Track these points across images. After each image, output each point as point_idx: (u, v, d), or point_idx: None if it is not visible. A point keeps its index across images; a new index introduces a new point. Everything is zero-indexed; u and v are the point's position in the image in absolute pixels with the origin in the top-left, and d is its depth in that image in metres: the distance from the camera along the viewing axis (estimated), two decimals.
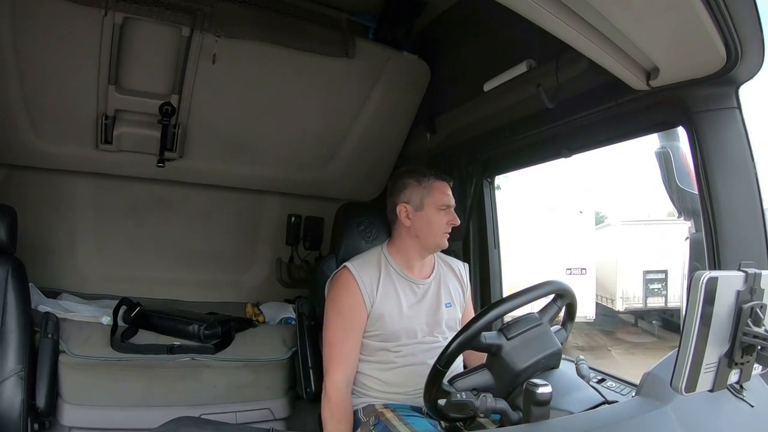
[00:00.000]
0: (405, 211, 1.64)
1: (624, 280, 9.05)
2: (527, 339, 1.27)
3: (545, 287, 1.34)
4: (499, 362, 1.25)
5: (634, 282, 9.02)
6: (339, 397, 1.53)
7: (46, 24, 1.88)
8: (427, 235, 1.64)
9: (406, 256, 1.67)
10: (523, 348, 1.26)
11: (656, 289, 9.02)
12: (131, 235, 2.59)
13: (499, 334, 1.27)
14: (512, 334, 1.27)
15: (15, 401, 1.78)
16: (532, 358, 1.25)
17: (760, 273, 0.98)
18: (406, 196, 1.65)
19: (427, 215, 1.63)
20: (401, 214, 1.65)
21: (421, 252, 1.67)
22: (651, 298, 9.08)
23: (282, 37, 2.07)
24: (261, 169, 2.58)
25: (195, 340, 2.15)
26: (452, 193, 1.69)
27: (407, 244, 1.66)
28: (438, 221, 1.63)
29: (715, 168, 1.35)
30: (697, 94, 1.37)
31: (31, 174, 2.37)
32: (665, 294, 9.01)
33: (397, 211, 1.65)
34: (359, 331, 1.59)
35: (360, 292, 1.58)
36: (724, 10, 1.09)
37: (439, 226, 1.63)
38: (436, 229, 1.63)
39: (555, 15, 1.17)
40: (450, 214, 1.65)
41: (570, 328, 1.45)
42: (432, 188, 1.64)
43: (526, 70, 1.76)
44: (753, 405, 1.08)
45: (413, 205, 1.64)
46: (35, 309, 2.03)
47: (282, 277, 2.84)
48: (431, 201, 1.63)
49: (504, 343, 1.25)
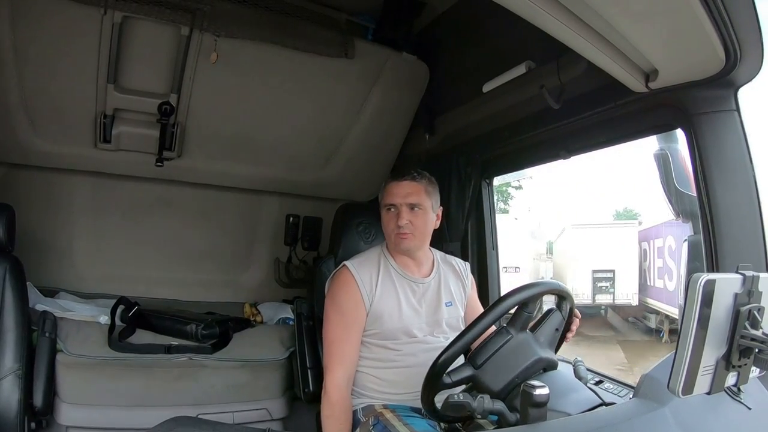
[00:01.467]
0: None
1: (573, 279, 10.04)
2: (500, 359, 1.24)
3: (537, 287, 1.33)
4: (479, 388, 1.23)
5: (583, 280, 10.08)
6: (339, 396, 1.52)
7: (45, 23, 1.88)
8: (385, 236, 1.67)
9: (400, 256, 1.67)
10: (498, 370, 1.23)
11: (604, 287, 10.13)
12: (129, 235, 2.58)
13: (466, 365, 1.26)
14: (480, 360, 1.24)
15: (12, 400, 1.78)
16: (510, 375, 1.22)
17: (758, 276, 0.98)
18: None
19: (382, 216, 1.66)
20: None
21: (399, 252, 1.67)
22: (599, 296, 10.20)
23: (281, 37, 2.07)
24: (259, 169, 2.58)
25: (193, 340, 2.16)
26: (446, 193, 1.69)
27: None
28: (386, 222, 1.64)
29: (713, 170, 1.35)
30: (696, 96, 1.37)
31: (30, 173, 2.36)
32: (613, 292, 10.08)
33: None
34: (359, 329, 1.59)
35: (359, 291, 1.58)
36: (723, 13, 1.09)
37: (388, 227, 1.63)
38: (387, 230, 1.65)
39: (554, 17, 1.17)
40: (397, 213, 1.61)
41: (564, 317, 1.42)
42: (384, 190, 1.66)
43: (525, 71, 1.76)
44: (750, 407, 1.08)
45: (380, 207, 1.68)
46: (33, 308, 2.03)
47: (280, 278, 2.83)
48: (382, 202, 1.65)
49: (474, 373, 1.24)
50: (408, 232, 1.60)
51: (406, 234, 1.60)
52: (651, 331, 10.13)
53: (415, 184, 1.63)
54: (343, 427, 1.50)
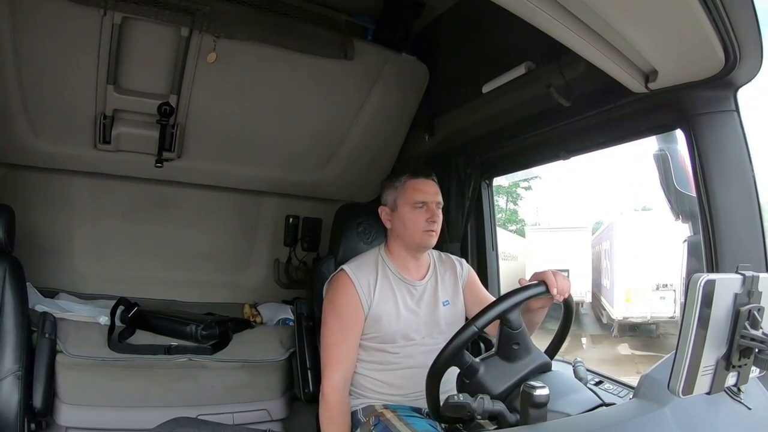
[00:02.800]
0: (384, 213, 1.68)
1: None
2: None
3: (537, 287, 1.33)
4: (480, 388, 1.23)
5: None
6: (336, 399, 1.52)
7: (44, 23, 1.87)
8: (405, 234, 1.64)
9: (400, 257, 1.67)
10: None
11: None
12: (129, 235, 2.58)
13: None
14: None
15: (12, 401, 1.78)
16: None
17: (758, 276, 0.97)
18: (383, 199, 1.69)
19: (401, 215, 1.64)
20: (382, 216, 1.69)
21: (409, 252, 1.67)
22: None
23: (281, 38, 2.07)
24: (259, 170, 2.58)
25: (192, 341, 2.15)
26: (446, 194, 1.70)
27: (396, 245, 1.68)
28: (413, 219, 1.62)
29: (713, 171, 1.35)
30: (695, 96, 1.37)
31: (29, 173, 2.36)
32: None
33: (380, 213, 1.69)
34: (357, 332, 1.59)
35: (357, 294, 1.58)
36: (723, 14, 1.09)
37: (416, 225, 1.62)
38: (413, 227, 1.62)
39: (553, 17, 1.17)
40: (429, 211, 1.62)
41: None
42: (405, 187, 1.64)
43: (525, 72, 1.76)
44: (750, 408, 1.08)
45: (389, 206, 1.67)
46: (32, 308, 2.03)
47: (280, 278, 2.84)
48: (404, 200, 1.64)
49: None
50: (435, 230, 1.63)
51: (434, 232, 1.63)
52: (604, 326, 10.69)
53: (436, 185, 1.68)
54: (341, 429, 1.51)
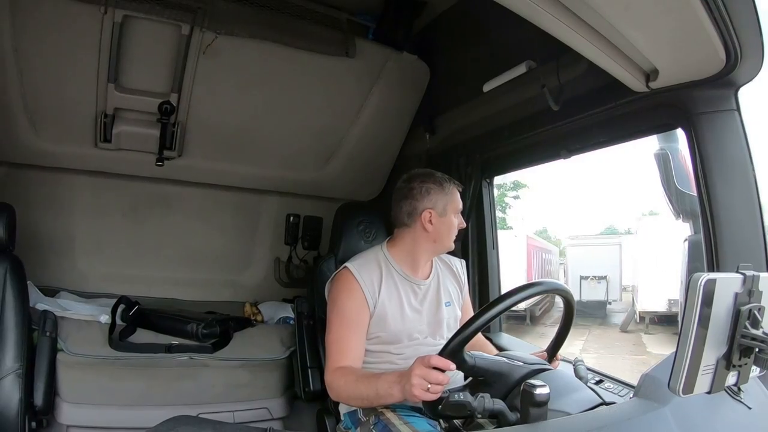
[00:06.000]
0: (429, 216, 1.62)
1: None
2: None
3: (539, 286, 1.33)
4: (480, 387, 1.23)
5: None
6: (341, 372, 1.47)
7: (45, 22, 1.87)
8: (444, 239, 1.65)
9: (413, 258, 1.65)
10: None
11: None
12: (130, 234, 2.58)
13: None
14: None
15: (13, 399, 1.78)
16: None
17: (759, 275, 0.97)
18: (431, 202, 1.62)
19: (448, 221, 1.64)
20: (425, 218, 1.62)
21: (431, 255, 1.68)
22: None
23: (282, 36, 2.07)
24: (260, 169, 2.58)
25: (193, 340, 2.16)
26: None
27: (420, 247, 1.65)
28: (451, 227, 1.66)
29: (714, 170, 1.35)
30: (696, 96, 1.37)
31: (30, 172, 2.36)
32: None
33: (422, 216, 1.62)
34: (362, 330, 1.56)
35: (362, 293, 1.56)
36: (724, 13, 1.09)
37: (454, 231, 1.67)
38: (453, 233, 1.66)
39: (555, 16, 1.17)
40: (460, 217, 1.69)
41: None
42: (453, 194, 1.66)
43: (526, 71, 1.76)
44: (750, 407, 1.08)
45: (437, 211, 1.62)
46: (33, 307, 2.03)
47: (280, 277, 2.84)
48: (452, 207, 1.65)
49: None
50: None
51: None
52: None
53: None
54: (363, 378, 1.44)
